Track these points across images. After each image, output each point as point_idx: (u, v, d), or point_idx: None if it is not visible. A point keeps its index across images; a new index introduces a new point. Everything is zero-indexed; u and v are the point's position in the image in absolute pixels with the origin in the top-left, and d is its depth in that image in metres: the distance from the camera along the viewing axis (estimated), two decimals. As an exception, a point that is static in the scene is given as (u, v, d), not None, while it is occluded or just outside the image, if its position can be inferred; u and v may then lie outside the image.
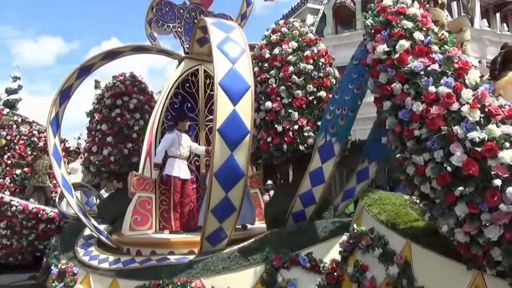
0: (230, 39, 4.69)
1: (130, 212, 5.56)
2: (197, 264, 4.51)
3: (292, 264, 4.12)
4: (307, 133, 4.77)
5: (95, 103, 7.20)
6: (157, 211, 5.74)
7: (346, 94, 4.26)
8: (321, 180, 4.45)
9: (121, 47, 6.40)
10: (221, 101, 4.32)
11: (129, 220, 5.52)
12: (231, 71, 4.43)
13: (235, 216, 4.61)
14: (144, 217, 5.62)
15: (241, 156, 4.37)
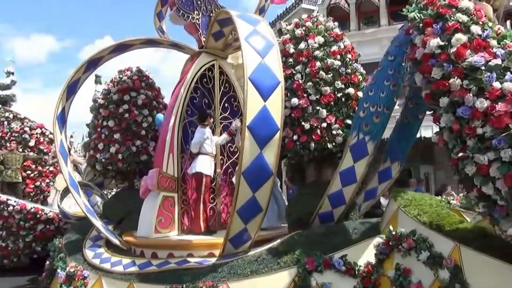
0: (257, 32, 4.49)
1: (154, 213, 5.22)
2: (222, 267, 4.30)
3: (326, 268, 3.94)
4: (335, 131, 4.60)
5: (100, 99, 6.89)
6: (179, 211, 5.45)
7: (382, 91, 4.11)
8: (353, 180, 4.29)
9: (132, 40, 6.12)
10: (251, 97, 4.13)
11: (154, 222, 5.20)
12: (260, 65, 4.23)
13: (261, 217, 4.42)
14: (167, 218, 5.34)
15: (270, 154, 4.19)
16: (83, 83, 6.22)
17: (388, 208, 4.33)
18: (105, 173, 6.73)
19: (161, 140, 5.29)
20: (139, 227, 5.31)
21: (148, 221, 5.12)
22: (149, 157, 6.61)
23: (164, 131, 5.45)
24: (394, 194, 4.40)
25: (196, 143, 5.39)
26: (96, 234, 6.11)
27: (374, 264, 3.88)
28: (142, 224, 5.21)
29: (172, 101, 5.41)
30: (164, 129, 5.45)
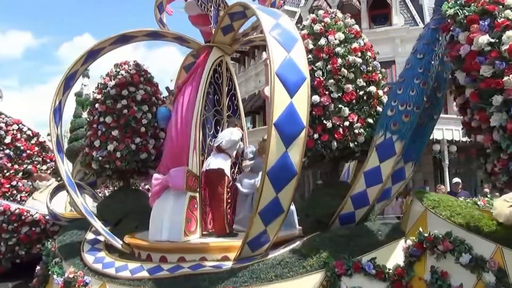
0: (280, 26, 4.31)
1: (182, 215, 4.86)
2: (242, 272, 4.09)
3: (356, 271, 3.81)
4: (357, 130, 4.48)
5: (96, 93, 6.50)
6: (200, 212, 5.15)
7: (411, 89, 4.02)
8: (378, 180, 4.18)
9: (135, 31, 5.78)
10: (278, 92, 3.94)
11: (183, 225, 4.85)
12: (286, 60, 4.05)
13: (282, 219, 4.24)
14: (192, 220, 5.01)
15: (296, 153, 4.01)
16: (80, 75, 5.85)
17: (413, 210, 4.24)
18: (101, 172, 6.34)
19: (181, 137, 4.95)
20: (155, 230, 4.92)
21: (176, 224, 4.77)
22: (148, 156, 6.29)
23: (182, 126, 5.04)
24: (418, 195, 4.32)
25: (235, 142, 5.19)
26: (94, 237, 5.75)
27: (404, 267, 3.78)
28: (163, 227, 4.84)
29: (189, 95, 5.10)
30: (180, 124, 5.05)
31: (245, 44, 6.37)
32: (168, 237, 4.82)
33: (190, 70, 5.43)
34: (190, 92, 5.08)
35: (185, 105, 4.99)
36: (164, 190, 4.85)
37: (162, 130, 6.63)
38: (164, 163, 5.11)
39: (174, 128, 5.01)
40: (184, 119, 4.94)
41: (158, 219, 4.86)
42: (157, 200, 4.94)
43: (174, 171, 4.71)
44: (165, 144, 5.12)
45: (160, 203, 4.92)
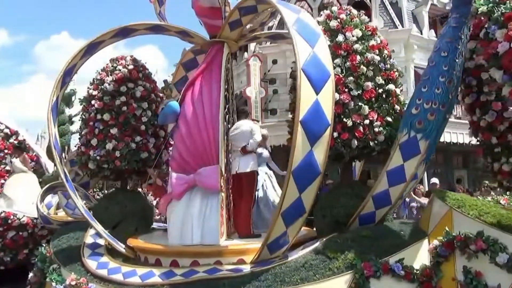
0: (301, 20, 4.18)
1: (217, 216, 4.66)
2: (264, 275, 3.93)
3: (385, 273, 3.72)
4: (377, 129, 4.40)
5: (92, 89, 6.16)
6: (225, 214, 4.94)
7: (437, 87, 3.97)
8: (401, 179, 4.11)
9: (136, 24, 5.50)
10: (304, 89, 3.81)
11: (219, 227, 4.64)
12: (311, 56, 3.93)
13: (303, 219, 4.12)
14: (222, 221, 4.80)
15: (320, 152, 3.89)
16: (78, 69, 5.51)
17: (434, 209, 4.20)
18: (98, 172, 6.00)
19: (207, 133, 4.70)
20: (183, 233, 4.66)
21: (211, 227, 4.55)
22: (149, 155, 6.01)
23: (209, 122, 4.80)
24: (439, 195, 4.29)
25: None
26: (93, 241, 5.43)
27: (432, 267, 3.73)
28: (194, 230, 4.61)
29: (210, 91, 4.86)
30: (205, 121, 4.80)
31: (250, 40, 6.20)
32: (200, 241, 4.60)
33: (202, 66, 5.16)
34: (211, 87, 4.85)
35: (209, 100, 4.76)
36: (187, 191, 4.60)
37: (162, 128, 6.39)
38: (179, 162, 4.81)
39: (195, 124, 4.73)
40: (210, 115, 4.70)
41: (187, 222, 4.61)
42: (177, 201, 4.67)
43: (207, 170, 4.47)
44: (179, 141, 4.81)
45: (185, 205, 4.65)
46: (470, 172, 19.73)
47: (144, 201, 6.24)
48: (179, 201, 4.64)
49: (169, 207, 4.77)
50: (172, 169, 4.85)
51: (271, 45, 17.90)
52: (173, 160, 4.91)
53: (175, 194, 4.64)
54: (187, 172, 4.65)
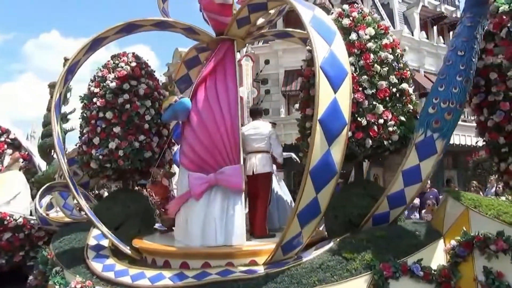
0: (317, 18, 4.13)
1: (243, 216, 4.63)
2: (280, 277, 3.85)
3: (404, 273, 3.67)
4: (391, 128, 4.36)
5: (93, 86, 6.00)
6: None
7: (454, 86, 3.95)
8: (417, 179, 4.07)
9: (142, 20, 5.36)
10: (323, 87, 3.75)
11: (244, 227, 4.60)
12: (329, 54, 3.87)
13: (318, 220, 4.07)
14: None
15: (337, 151, 3.85)
16: (81, 65, 5.36)
17: (449, 209, 4.18)
18: (100, 172, 5.84)
19: (227, 132, 4.59)
20: (204, 235, 4.55)
21: (236, 227, 4.46)
22: (153, 154, 5.88)
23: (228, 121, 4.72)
24: (454, 195, 4.28)
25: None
26: (96, 243, 5.27)
27: (449, 267, 3.70)
28: (217, 231, 4.51)
29: (226, 89, 4.74)
30: (223, 119, 4.71)
31: (257, 38, 6.11)
32: (224, 241, 4.52)
33: (211, 63, 5.03)
34: (226, 86, 4.74)
35: (226, 99, 4.65)
36: (207, 191, 4.48)
37: (165, 127, 6.26)
38: (196, 161, 4.67)
39: (212, 122, 4.63)
40: (229, 114, 4.59)
41: (209, 223, 4.49)
42: (196, 201, 4.55)
43: (231, 170, 4.37)
44: (194, 139, 4.64)
45: (205, 205, 4.54)
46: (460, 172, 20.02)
47: (147, 202, 6.09)
48: (198, 201, 4.51)
49: (185, 208, 4.63)
50: (186, 168, 4.71)
51: (263, 45, 17.85)
52: (186, 159, 4.76)
53: (195, 194, 4.50)
54: (205, 171, 4.53)
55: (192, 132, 4.69)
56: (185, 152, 4.74)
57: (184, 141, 4.80)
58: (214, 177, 4.46)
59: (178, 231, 4.84)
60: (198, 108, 4.74)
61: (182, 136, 4.87)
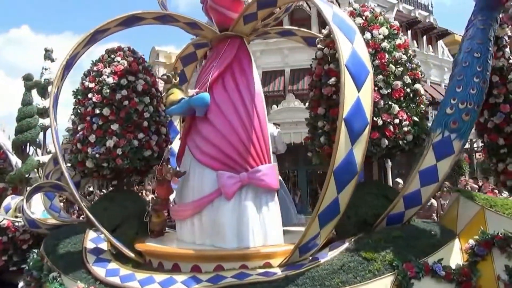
0: (338, 15, 4.07)
1: (278, 215, 4.59)
2: (301, 279, 3.77)
3: (426, 274, 3.67)
4: (406, 128, 4.37)
5: (87, 81, 5.69)
6: None
7: (471, 88, 3.99)
8: (434, 179, 4.08)
9: (145, 13, 5.12)
10: (348, 86, 3.71)
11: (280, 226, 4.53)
12: (352, 52, 3.82)
13: (336, 221, 4.00)
14: None
15: (359, 151, 3.81)
16: (79, 58, 5.07)
17: (463, 209, 4.23)
18: (96, 171, 5.53)
19: (254, 130, 4.42)
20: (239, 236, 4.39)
21: (275, 227, 4.36)
22: (152, 153, 5.64)
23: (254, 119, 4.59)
24: (466, 195, 4.34)
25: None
26: (94, 246, 5.00)
27: (468, 266, 3.73)
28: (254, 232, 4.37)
29: (248, 86, 4.58)
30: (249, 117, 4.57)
31: (260, 35, 6.00)
32: (263, 242, 4.40)
33: (226, 59, 4.83)
34: (248, 82, 4.58)
35: (249, 96, 4.49)
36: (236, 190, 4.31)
37: (163, 125, 6.04)
38: (222, 159, 4.47)
39: (237, 119, 4.48)
40: (255, 111, 4.43)
41: (244, 223, 4.33)
42: (227, 202, 4.36)
43: (267, 169, 4.21)
44: (217, 137, 4.49)
45: (237, 205, 4.37)
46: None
47: (144, 202, 5.85)
48: (229, 202, 4.33)
49: (211, 209, 4.43)
50: (208, 166, 4.50)
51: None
52: (208, 158, 4.53)
53: (228, 194, 4.31)
54: (232, 170, 4.35)
55: (212, 128, 4.50)
56: (203, 149, 4.52)
57: (200, 137, 4.57)
58: (247, 176, 4.30)
59: (190, 232, 4.64)
60: (218, 104, 4.56)
61: (192, 132, 4.67)
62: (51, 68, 11.74)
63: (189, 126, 4.81)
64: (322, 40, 4.88)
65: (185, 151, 4.84)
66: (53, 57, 11.86)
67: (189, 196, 4.58)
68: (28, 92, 10.95)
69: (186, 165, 4.72)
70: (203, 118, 4.58)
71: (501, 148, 4.89)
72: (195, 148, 4.58)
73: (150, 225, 5.29)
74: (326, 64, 4.66)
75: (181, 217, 4.70)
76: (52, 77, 11.32)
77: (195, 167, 4.59)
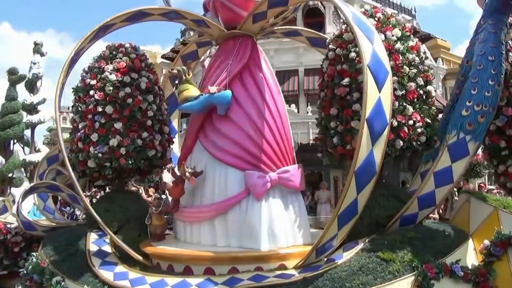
0: (356, 15, 4.06)
1: (306, 215, 4.62)
2: (321, 281, 3.73)
3: (446, 274, 3.69)
4: (419, 129, 4.39)
5: (89, 78, 5.49)
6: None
7: (487, 90, 4.04)
8: (448, 180, 4.11)
9: (152, 8, 4.99)
10: (370, 86, 3.69)
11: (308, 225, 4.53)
12: (373, 52, 3.82)
13: (353, 222, 3.99)
14: None
15: (378, 152, 3.81)
16: (83, 53, 4.88)
17: (474, 210, 4.28)
18: (97, 171, 5.34)
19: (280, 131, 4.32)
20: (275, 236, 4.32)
21: (306, 227, 4.31)
22: (156, 153, 5.49)
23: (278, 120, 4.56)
24: (477, 196, 4.40)
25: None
26: (98, 248, 4.81)
27: (484, 267, 3.77)
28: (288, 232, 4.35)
29: (268, 87, 4.50)
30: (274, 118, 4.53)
31: (266, 35, 5.93)
32: (294, 242, 4.41)
33: (243, 58, 4.76)
34: (267, 82, 4.50)
35: (270, 96, 4.42)
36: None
37: (165, 124, 5.89)
38: (248, 159, 4.38)
39: (261, 119, 4.40)
40: (277, 110, 4.36)
41: (277, 224, 4.27)
42: (257, 202, 4.27)
43: (294, 170, 4.16)
44: (242, 136, 4.40)
45: (266, 206, 4.28)
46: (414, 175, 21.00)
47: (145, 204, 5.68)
48: (259, 202, 4.24)
49: (239, 210, 4.33)
50: (233, 165, 4.40)
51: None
52: (232, 156, 4.42)
53: (258, 194, 4.22)
54: (258, 170, 4.26)
55: (234, 126, 4.42)
56: (225, 147, 4.41)
57: (220, 135, 4.46)
58: (276, 176, 4.22)
59: (210, 234, 4.52)
60: (239, 102, 4.46)
61: (207, 129, 4.55)
62: (40, 63, 11.21)
63: (201, 123, 4.68)
64: (334, 40, 4.86)
65: (197, 150, 4.71)
66: (43, 51, 11.32)
67: (206, 197, 4.45)
68: (12, 87, 10.49)
69: (199, 164, 4.58)
70: (222, 115, 4.48)
71: (502, 150, 5.00)
72: (213, 147, 4.46)
73: (151, 229, 5.09)
74: (339, 64, 4.64)
75: (198, 219, 4.55)
76: (41, 71, 10.90)
77: (214, 166, 4.48)
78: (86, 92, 5.43)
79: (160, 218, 5.05)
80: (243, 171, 4.32)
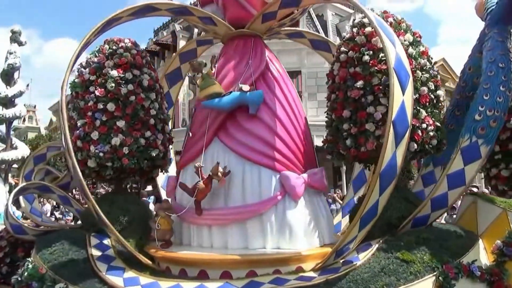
0: (378, 19, 4.09)
1: (330, 214, 4.62)
2: (343, 283, 3.71)
3: (464, 274, 3.78)
4: (431, 133, 4.49)
5: (87, 73, 5.22)
6: None
7: (498, 96, 4.19)
8: (461, 182, 4.22)
9: (161, 3, 4.80)
10: (396, 89, 3.73)
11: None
12: (396, 56, 3.86)
13: (372, 224, 4.00)
14: None
15: (400, 154, 3.85)
16: (85, 49, 4.64)
17: (482, 211, 4.42)
18: (97, 172, 5.07)
19: (302, 132, 4.23)
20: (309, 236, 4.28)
21: (331, 227, 4.11)
22: (158, 153, 5.29)
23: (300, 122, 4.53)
24: (485, 198, 4.54)
25: None
26: (101, 253, 4.57)
27: (497, 266, 3.90)
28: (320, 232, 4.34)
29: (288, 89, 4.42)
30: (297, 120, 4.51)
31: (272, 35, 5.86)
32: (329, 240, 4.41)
33: (263, 58, 4.69)
34: (287, 83, 4.43)
35: (292, 98, 4.34)
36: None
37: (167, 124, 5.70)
38: (281, 160, 4.31)
39: (288, 120, 4.34)
40: (299, 112, 4.29)
41: (312, 224, 4.24)
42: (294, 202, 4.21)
43: (321, 171, 4.07)
44: (270, 135, 4.32)
45: (303, 206, 4.24)
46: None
47: (146, 205, 5.47)
48: (297, 203, 4.15)
49: (275, 211, 4.23)
50: (267, 166, 4.31)
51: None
52: (265, 157, 4.33)
53: (297, 194, 4.18)
54: (292, 171, 4.18)
55: (264, 126, 4.34)
56: (256, 147, 4.33)
57: (249, 135, 4.38)
58: (308, 177, 4.17)
59: (239, 238, 4.38)
60: (268, 103, 4.38)
61: (230, 128, 4.45)
62: (17, 52, 10.20)
63: (220, 122, 4.55)
64: (345, 43, 4.89)
65: (216, 149, 4.55)
66: (22, 40, 10.30)
67: (234, 199, 4.32)
68: None
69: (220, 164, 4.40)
70: (248, 115, 4.38)
71: (496, 155, 5.22)
72: (242, 147, 4.36)
73: (159, 234, 4.68)
74: (351, 67, 4.67)
75: (226, 221, 4.35)
76: (18, 61, 10.04)
77: (244, 167, 4.36)
78: (85, 88, 5.16)
79: (168, 223, 4.81)
80: (276, 172, 4.24)
